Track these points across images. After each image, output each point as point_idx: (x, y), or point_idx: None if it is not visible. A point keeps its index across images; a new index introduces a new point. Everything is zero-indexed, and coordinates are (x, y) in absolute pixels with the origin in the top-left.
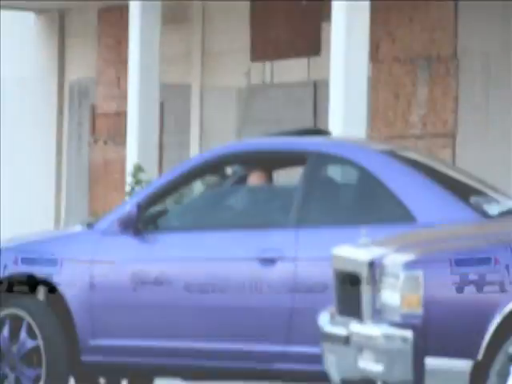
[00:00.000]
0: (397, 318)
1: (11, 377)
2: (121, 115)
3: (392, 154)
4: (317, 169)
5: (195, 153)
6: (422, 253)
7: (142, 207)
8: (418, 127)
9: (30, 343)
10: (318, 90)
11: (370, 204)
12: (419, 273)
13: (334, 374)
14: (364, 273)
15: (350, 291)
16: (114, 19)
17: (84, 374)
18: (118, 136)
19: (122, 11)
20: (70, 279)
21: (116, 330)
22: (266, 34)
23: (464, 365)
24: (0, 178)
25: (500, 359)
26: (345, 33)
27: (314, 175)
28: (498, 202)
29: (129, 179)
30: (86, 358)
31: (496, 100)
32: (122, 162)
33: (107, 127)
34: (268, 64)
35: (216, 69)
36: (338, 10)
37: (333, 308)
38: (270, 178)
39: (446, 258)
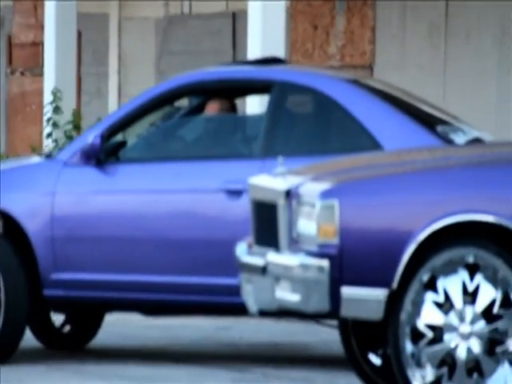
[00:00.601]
0: (313, 248)
1: None
2: (38, 45)
3: (357, 83)
4: (282, 98)
5: (114, 84)
6: (337, 182)
7: (104, 138)
8: (337, 58)
9: None
10: (236, 21)
11: (337, 133)
12: (335, 202)
13: (252, 304)
14: (280, 202)
15: (266, 221)
16: None
17: (39, 310)
18: (36, 67)
19: None
20: (30, 211)
21: (78, 264)
22: None
23: (379, 293)
24: None
25: (414, 288)
26: None
27: (279, 104)
28: (463, 131)
29: (47, 108)
30: (47, 292)
31: (412, 30)
32: (40, 93)
33: (24, 58)
34: None
35: None
36: None
37: (250, 238)
38: (233, 107)
39: (361, 187)
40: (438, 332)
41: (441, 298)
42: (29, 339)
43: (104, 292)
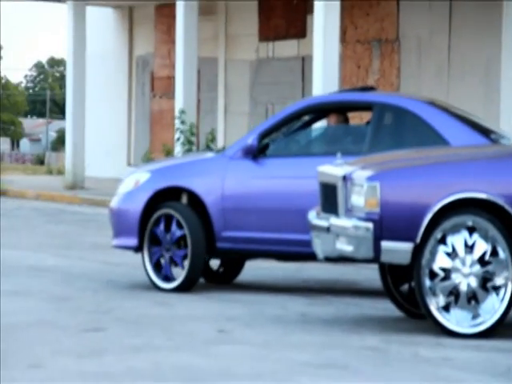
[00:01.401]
0: (362, 215)
1: (166, 256)
2: (171, 78)
3: (432, 103)
4: (381, 114)
5: (221, 104)
6: (379, 169)
7: (259, 139)
8: None
9: (179, 233)
10: (305, 63)
11: (418, 137)
12: (377, 184)
13: (320, 253)
14: (339, 183)
15: (329, 196)
16: (165, 12)
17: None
18: (169, 93)
19: (171, 6)
20: (207, 190)
21: (240, 226)
22: (269, 22)
23: (407, 246)
24: (87, 124)
25: (431, 242)
26: (323, 22)
27: (379, 118)
28: (507, 137)
29: (177, 122)
30: (219, 245)
31: (425, 69)
32: (172, 110)
33: (162, 87)
34: (270, 44)
35: (235, 47)
36: (318, 7)
37: (318, 207)
38: (346, 120)
39: (395, 174)
40: (448, 272)
41: (449, 249)
42: None
43: (256, 245)
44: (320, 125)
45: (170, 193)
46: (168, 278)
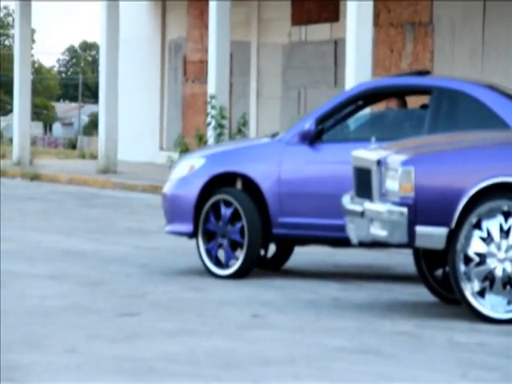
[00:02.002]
0: (396, 199)
1: (219, 240)
2: (203, 63)
3: (491, 87)
4: (440, 97)
5: (254, 89)
6: (413, 154)
7: (316, 124)
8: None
9: (235, 219)
10: (337, 46)
11: (478, 119)
12: (411, 168)
13: (353, 237)
14: (374, 168)
15: (364, 181)
16: None
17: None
18: (202, 77)
19: None
20: (264, 175)
21: (297, 212)
22: (302, 6)
23: (442, 231)
24: (119, 108)
25: (466, 227)
26: (356, 6)
27: (438, 102)
28: None
29: (208, 107)
30: (275, 231)
31: (458, 53)
32: (205, 94)
33: (194, 71)
34: (303, 27)
35: (267, 31)
36: None
37: (352, 192)
38: (405, 104)
39: (430, 158)
40: (483, 257)
41: (484, 234)
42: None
43: (313, 231)
44: (377, 109)
45: (225, 178)
46: (216, 262)
